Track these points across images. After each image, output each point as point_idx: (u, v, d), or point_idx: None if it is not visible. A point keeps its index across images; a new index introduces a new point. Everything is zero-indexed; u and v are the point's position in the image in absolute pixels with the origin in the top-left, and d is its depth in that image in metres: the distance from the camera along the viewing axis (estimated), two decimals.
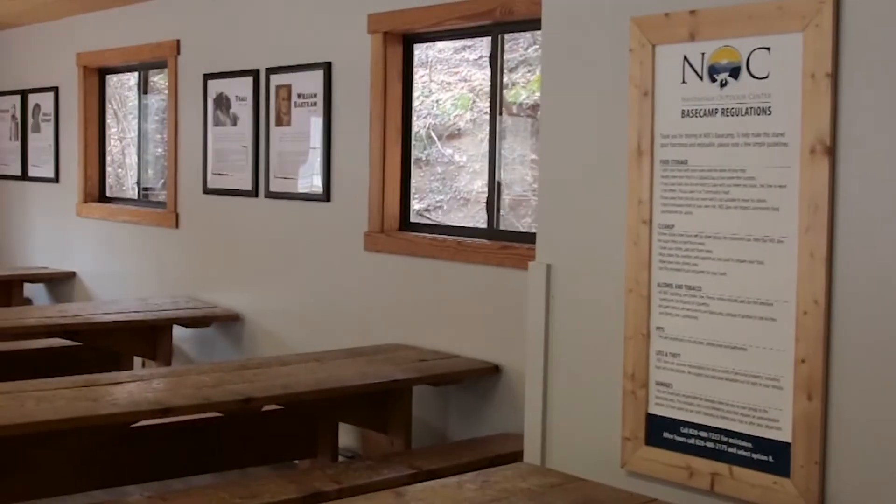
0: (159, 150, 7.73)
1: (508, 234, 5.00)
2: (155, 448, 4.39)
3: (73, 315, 6.02)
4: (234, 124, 6.25)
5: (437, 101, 6.41)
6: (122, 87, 7.86)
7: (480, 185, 7.17)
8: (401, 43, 5.37)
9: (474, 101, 6.99)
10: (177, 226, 6.76)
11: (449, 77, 6.38)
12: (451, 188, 6.36)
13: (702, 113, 3.03)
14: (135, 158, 8.17)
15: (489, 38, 5.07)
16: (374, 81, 5.36)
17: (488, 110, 5.19)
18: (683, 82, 3.08)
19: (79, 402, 3.92)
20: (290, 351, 5.86)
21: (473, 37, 5.34)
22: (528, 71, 6.78)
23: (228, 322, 6.31)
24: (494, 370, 4.81)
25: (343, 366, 4.71)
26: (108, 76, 7.71)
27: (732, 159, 2.97)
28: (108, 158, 7.84)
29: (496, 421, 4.84)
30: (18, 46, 8.53)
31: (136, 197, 7.53)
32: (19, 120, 8.50)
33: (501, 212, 5.14)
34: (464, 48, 6.29)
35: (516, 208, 6.79)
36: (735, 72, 2.95)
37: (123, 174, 8.19)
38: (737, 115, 2.96)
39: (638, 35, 3.16)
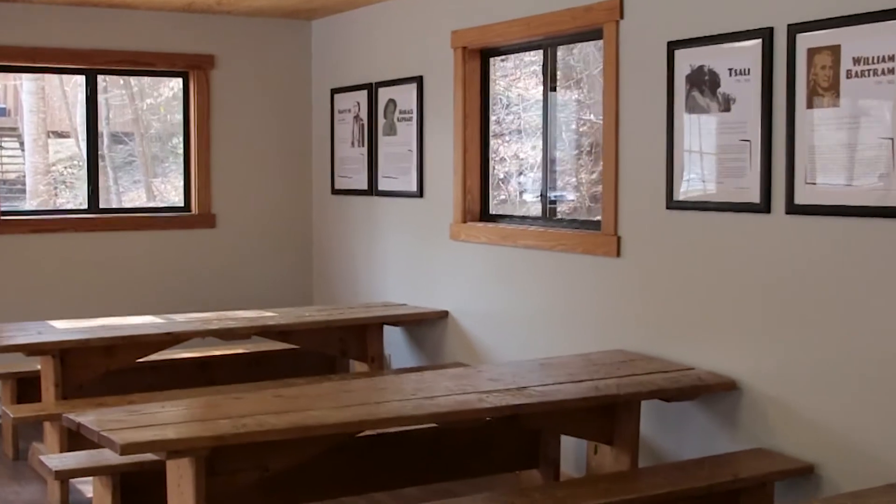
0: (506, 152, 5.95)
1: None
2: None
3: (515, 389, 4.19)
4: (726, 109, 4.35)
5: None
6: None
7: None
8: None
9: None
10: (617, 254, 4.91)
11: None
12: None
13: None
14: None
15: None
16: None
17: None
18: None
19: None
20: (837, 447, 3.91)
21: None
22: None
23: (718, 393, 4.40)
24: None
25: None
26: (492, 59, 5.96)
27: None
28: (492, 166, 6.09)
29: None
30: (367, 29, 6.89)
31: (539, 214, 5.71)
32: (365, 121, 6.89)
33: None
34: None
35: None
36: None
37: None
38: None
39: None
